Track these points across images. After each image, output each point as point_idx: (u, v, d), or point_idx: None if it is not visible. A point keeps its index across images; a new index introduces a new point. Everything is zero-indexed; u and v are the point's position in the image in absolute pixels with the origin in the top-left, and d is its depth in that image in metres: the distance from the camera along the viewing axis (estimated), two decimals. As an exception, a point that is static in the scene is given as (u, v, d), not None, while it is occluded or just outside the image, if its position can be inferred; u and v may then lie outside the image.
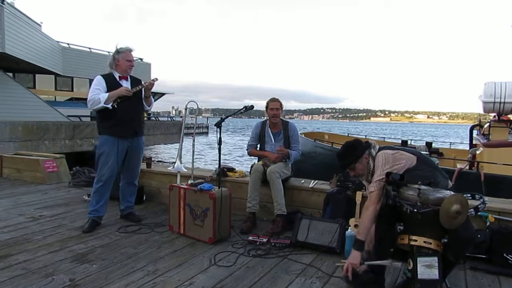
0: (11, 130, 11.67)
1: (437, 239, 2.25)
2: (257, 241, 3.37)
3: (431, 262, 2.19)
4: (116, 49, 3.80)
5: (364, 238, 2.44)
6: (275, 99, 4.14)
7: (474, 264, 2.94)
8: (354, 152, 2.61)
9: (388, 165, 2.44)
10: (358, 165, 2.60)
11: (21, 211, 4.36)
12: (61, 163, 6.41)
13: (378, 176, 2.46)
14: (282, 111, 4.15)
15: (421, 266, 2.20)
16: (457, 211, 2.11)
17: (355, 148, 2.62)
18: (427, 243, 2.23)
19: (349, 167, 2.64)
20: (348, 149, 2.66)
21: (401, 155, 2.49)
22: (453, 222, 2.14)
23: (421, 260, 2.21)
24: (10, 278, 2.60)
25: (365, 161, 2.58)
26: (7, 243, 3.29)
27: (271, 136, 4.16)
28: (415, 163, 2.47)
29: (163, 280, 2.63)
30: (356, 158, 2.59)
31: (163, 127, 19.75)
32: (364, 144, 2.64)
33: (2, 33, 12.67)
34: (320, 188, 4.01)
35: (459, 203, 2.12)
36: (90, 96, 3.64)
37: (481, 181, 6.53)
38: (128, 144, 3.85)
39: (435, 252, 2.22)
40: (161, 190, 4.87)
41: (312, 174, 4.87)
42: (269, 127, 4.20)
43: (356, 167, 2.61)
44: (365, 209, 2.53)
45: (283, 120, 4.22)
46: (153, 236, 3.56)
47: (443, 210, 2.13)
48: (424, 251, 2.23)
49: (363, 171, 2.61)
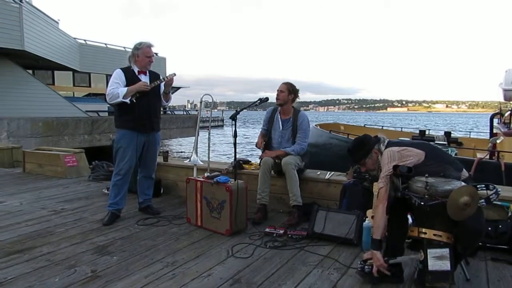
0: (32, 126, 11.96)
1: (447, 231, 2.22)
2: (274, 233, 3.38)
3: (442, 254, 2.16)
4: (135, 45, 3.82)
5: (380, 237, 2.43)
6: (285, 82, 4.05)
7: (495, 255, 2.90)
8: (363, 147, 2.60)
9: (394, 162, 2.41)
10: (368, 160, 2.60)
11: (44, 204, 4.48)
12: (80, 158, 6.55)
13: (384, 172, 2.44)
14: (290, 94, 3.98)
15: (432, 257, 2.18)
16: (465, 203, 2.07)
17: (364, 144, 2.61)
18: (437, 236, 2.20)
19: (360, 162, 2.65)
20: (357, 144, 2.66)
21: (408, 152, 2.44)
22: (462, 214, 2.11)
23: (431, 251, 2.19)
24: (35, 269, 2.69)
25: (375, 156, 2.57)
26: (31, 235, 3.39)
27: (280, 122, 4.05)
28: (422, 159, 2.41)
29: (181, 272, 2.67)
30: (366, 154, 2.58)
31: (179, 121, 19.92)
32: (373, 140, 2.61)
33: (21, 31, 12.93)
34: (336, 180, 3.99)
35: (468, 195, 2.09)
36: (109, 90, 3.68)
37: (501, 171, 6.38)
38: (145, 139, 3.90)
39: (447, 244, 2.19)
40: (178, 183, 4.93)
41: (328, 166, 4.84)
42: (279, 113, 4.11)
43: (366, 162, 2.61)
44: (375, 208, 2.52)
45: (294, 108, 4.10)
46: (171, 229, 3.62)
47: (451, 202, 2.10)
48: (435, 243, 2.21)
49: (374, 166, 2.60)
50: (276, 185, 3.97)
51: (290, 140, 3.99)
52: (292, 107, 4.08)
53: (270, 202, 3.98)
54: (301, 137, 3.96)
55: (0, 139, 10.97)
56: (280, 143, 4.04)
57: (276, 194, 3.98)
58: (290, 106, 4.06)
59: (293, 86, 4.03)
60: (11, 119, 11.50)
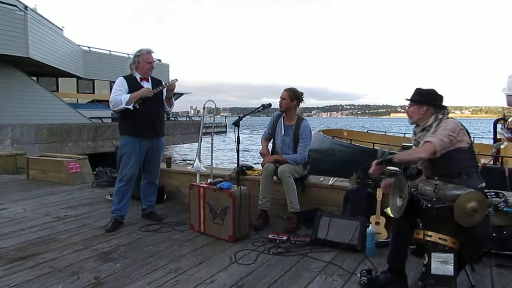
0: (36, 133, 12.01)
1: (453, 236, 2.21)
2: (277, 239, 3.37)
3: (446, 259, 2.16)
4: (135, 52, 3.86)
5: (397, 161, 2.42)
6: (287, 88, 4.04)
7: (500, 261, 2.88)
8: (427, 96, 2.51)
9: (454, 133, 2.34)
10: (417, 108, 2.52)
11: (47, 211, 4.49)
12: (84, 164, 6.57)
13: (442, 133, 2.33)
14: (293, 101, 4.00)
15: (436, 261, 2.17)
16: (473, 208, 2.06)
17: (430, 97, 2.51)
18: (442, 240, 2.20)
19: (412, 101, 2.56)
20: (427, 92, 2.55)
21: (463, 135, 2.40)
22: (469, 220, 2.09)
23: (435, 255, 2.18)
24: (38, 276, 2.69)
25: (424, 112, 2.50)
26: (34, 242, 3.40)
27: (282, 128, 4.06)
28: (467, 147, 2.40)
29: (185, 278, 2.67)
30: (422, 102, 2.50)
31: (182, 127, 19.96)
32: (439, 102, 2.52)
33: (26, 38, 13.03)
34: (339, 186, 3.98)
35: (476, 201, 2.08)
36: (112, 97, 3.72)
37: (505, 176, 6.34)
38: (149, 145, 3.91)
39: (451, 249, 2.18)
40: (181, 189, 4.93)
41: (331, 172, 4.83)
42: (283, 118, 4.13)
43: (414, 108, 2.54)
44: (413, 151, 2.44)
45: (299, 116, 4.11)
46: (174, 235, 3.61)
47: (458, 206, 2.09)
48: (440, 247, 2.20)
49: (413, 116, 2.55)
50: (279, 191, 3.96)
51: (291, 147, 3.99)
52: (297, 115, 4.08)
53: (274, 208, 3.98)
54: (302, 146, 3.95)
55: (4, 146, 11.01)
56: (281, 149, 4.05)
57: (280, 200, 3.97)
58: (294, 112, 4.07)
59: (296, 91, 4.03)
60: (15, 126, 11.56)
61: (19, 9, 13.35)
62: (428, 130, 2.46)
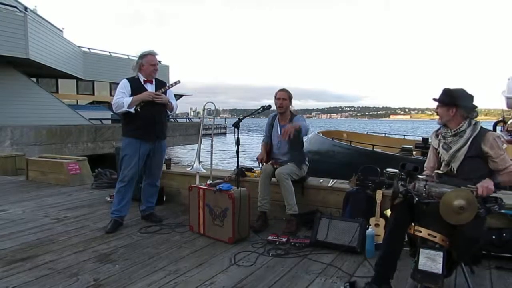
0: (35, 134, 12.00)
1: (442, 233, 2.21)
2: (277, 241, 3.37)
3: (434, 256, 2.15)
4: (140, 54, 3.86)
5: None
6: (283, 89, 4.08)
7: (500, 264, 2.88)
8: (455, 98, 2.47)
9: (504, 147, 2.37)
10: (445, 109, 2.49)
11: (46, 212, 4.48)
12: (83, 165, 6.57)
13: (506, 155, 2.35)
14: (290, 102, 4.05)
15: (424, 257, 2.17)
16: (460, 206, 2.07)
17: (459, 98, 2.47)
18: (431, 236, 2.21)
19: (440, 101, 2.53)
20: (456, 92, 2.51)
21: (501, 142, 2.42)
22: (456, 218, 2.10)
23: (424, 251, 2.19)
24: (37, 278, 2.68)
25: (453, 114, 2.47)
26: (33, 243, 3.39)
27: (278, 128, 4.07)
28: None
29: (184, 280, 2.67)
30: (451, 104, 2.46)
31: (181, 128, 19.95)
32: (470, 104, 2.50)
33: (26, 39, 13.03)
34: (339, 187, 3.98)
35: (464, 199, 2.09)
36: (114, 99, 3.73)
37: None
38: (151, 147, 3.92)
39: (441, 247, 2.19)
40: (181, 190, 4.92)
41: (331, 173, 4.84)
42: (278, 119, 4.15)
43: (442, 110, 2.51)
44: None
45: (292, 113, 4.12)
46: (173, 236, 3.61)
47: (444, 202, 2.12)
48: (430, 243, 2.21)
49: (443, 117, 2.51)
50: (278, 192, 3.96)
51: (287, 146, 4.00)
52: (290, 112, 4.11)
53: (273, 209, 3.98)
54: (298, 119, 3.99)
55: (4, 147, 11.00)
56: (279, 149, 4.08)
57: (279, 202, 3.97)
58: (289, 111, 4.11)
59: (290, 92, 4.10)
60: (14, 127, 11.55)
61: (19, 10, 13.35)
62: (461, 136, 2.45)
